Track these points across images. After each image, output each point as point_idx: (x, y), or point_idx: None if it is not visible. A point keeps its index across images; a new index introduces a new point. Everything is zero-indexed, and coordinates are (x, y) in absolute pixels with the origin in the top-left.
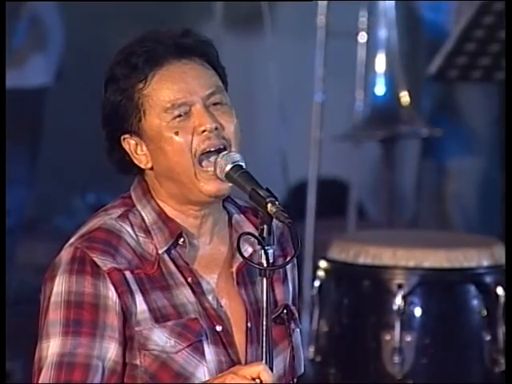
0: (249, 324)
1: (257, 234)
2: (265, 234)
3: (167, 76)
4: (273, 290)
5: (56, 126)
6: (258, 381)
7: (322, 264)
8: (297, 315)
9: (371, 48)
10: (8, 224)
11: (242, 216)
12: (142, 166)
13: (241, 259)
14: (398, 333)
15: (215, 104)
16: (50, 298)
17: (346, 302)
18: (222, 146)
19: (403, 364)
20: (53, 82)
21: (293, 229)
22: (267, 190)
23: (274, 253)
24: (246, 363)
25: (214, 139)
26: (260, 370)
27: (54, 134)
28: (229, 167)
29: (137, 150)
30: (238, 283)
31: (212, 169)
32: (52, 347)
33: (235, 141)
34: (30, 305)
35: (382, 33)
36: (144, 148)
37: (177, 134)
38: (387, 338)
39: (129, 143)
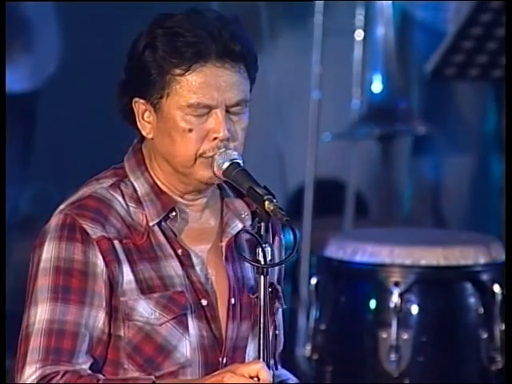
0: (232, 300)
1: (249, 216)
2: (262, 232)
3: (204, 74)
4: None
5: (52, 124)
6: (256, 379)
7: (319, 262)
8: (281, 294)
9: (368, 46)
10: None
11: (234, 192)
12: (144, 133)
13: (230, 234)
14: (394, 331)
15: (235, 113)
16: (38, 264)
17: (343, 299)
18: None
19: (400, 362)
20: (38, 87)
21: (290, 226)
22: (265, 187)
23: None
24: (225, 339)
25: (221, 149)
26: (258, 368)
27: (49, 132)
28: (226, 165)
29: (144, 115)
30: (226, 258)
31: (211, 154)
32: (40, 313)
33: (239, 152)
34: (25, 303)
35: (379, 31)
36: (152, 118)
37: (190, 130)
38: (384, 335)
39: (139, 107)
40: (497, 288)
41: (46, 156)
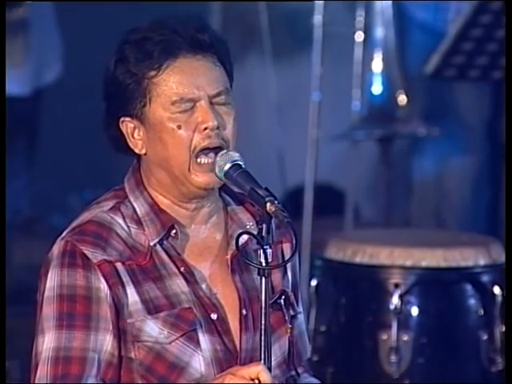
0: (244, 311)
1: (254, 227)
2: (263, 233)
3: (179, 69)
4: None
5: (54, 126)
6: (256, 381)
7: (319, 263)
8: (294, 301)
9: (368, 47)
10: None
11: (239, 204)
12: (137, 150)
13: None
14: (394, 332)
15: (219, 104)
16: (43, 294)
17: (343, 301)
18: (220, 146)
19: (400, 363)
20: (40, 90)
21: (291, 227)
22: (266, 189)
23: (272, 239)
24: (240, 351)
25: (214, 138)
26: (259, 370)
27: (50, 133)
28: (228, 166)
29: (134, 133)
30: (232, 270)
31: (206, 161)
32: (47, 342)
33: (232, 143)
34: (26, 304)
35: (379, 32)
36: (141, 133)
37: (179, 127)
38: (384, 337)
39: (127, 126)
40: (497, 289)
41: (49, 158)
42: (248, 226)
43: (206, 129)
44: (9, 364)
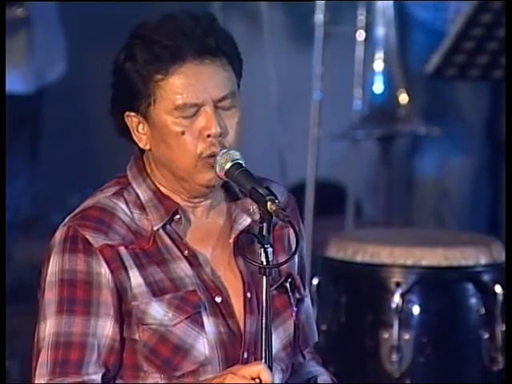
0: (248, 294)
1: (257, 210)
2: (264, 232)
3: (185, 74)
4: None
5: (56, 125)
6: (257, 380)
7: (320, 262)
8: (301, 285)
9: (369, 46)
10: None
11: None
12: (141, 145)
13: (238, 231)
14: (396, 331)
15: (224, 108)
16: (45, 279)
17: (344, 300)
18: None
19: (401, 362)
20: (43, 88)
21: (292, 226)
22: (267, 188)
23: (276, 226)
24: (244, 334)
25: (217, 146)
26: (260, 369)
27: (51, 131)
28: (229, 165)
29: (138, 128)
30: (235, 254)
31: (210, 160)
32: (48, 327)
33: (235, 146)
34: (26, 303)
35: (380, 31)
36: (146, 129)
37: (183, 133)
38: (385, 336)
39: (132, 120)
40: (498, 288)
41: (50, 157)
42: (251, 210)
43: (209, 136)
44: (9, 364)
